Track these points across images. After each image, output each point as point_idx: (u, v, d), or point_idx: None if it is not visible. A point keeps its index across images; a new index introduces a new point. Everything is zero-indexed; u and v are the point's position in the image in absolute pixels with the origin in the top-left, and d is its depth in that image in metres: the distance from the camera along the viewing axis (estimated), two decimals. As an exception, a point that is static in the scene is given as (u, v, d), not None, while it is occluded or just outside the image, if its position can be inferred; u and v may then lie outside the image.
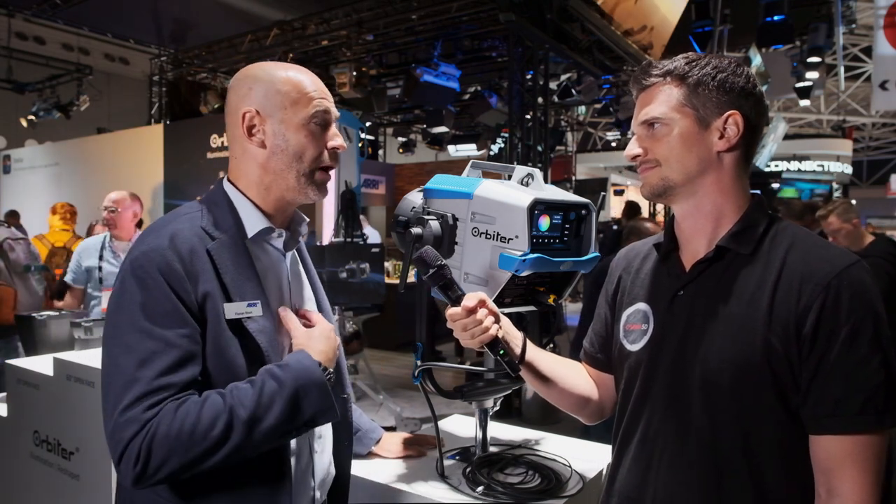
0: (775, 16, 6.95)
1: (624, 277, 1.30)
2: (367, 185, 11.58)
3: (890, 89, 7.78)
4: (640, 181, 1.19)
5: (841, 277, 1.00)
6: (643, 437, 1.15)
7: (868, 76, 15.34)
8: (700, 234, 1.15)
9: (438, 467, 1.46)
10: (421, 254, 1.16)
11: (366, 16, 7.94)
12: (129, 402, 1.00)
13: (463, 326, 1.15)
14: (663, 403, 1.13)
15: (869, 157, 24.58)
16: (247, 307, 1.11)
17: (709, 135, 1.10)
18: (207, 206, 1.19)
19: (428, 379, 1.44)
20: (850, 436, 0.99)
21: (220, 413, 1.01)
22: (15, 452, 2.25)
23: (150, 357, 1.02)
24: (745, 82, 1.11)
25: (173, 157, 7.84)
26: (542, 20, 6.13)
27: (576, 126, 16.05)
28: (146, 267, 1.06)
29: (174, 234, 1.10)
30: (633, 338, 1.21)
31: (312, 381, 1.09)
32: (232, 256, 1.13)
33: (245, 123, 1.17)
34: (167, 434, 0.98)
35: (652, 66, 1.14)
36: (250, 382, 1.06)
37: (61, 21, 9.61)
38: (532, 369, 1.27)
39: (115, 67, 13.03)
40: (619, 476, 1.20)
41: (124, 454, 0.99)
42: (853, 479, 0.98)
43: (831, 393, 0.99)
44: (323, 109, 1.18)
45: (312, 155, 1.18)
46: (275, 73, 1.18)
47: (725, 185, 1.12)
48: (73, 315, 2.68)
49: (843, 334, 0.98)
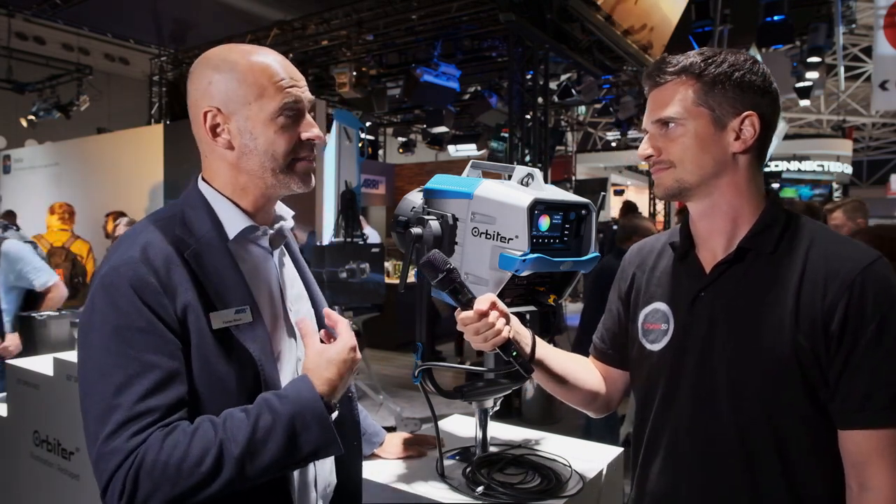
0: (775, 16, 6.95)
1: (638, 275, 1.29)
2: (367, 185, 11.57)
3: (890, 89, 7.77)
4: (640, 181, 1.19)
5: (865, 274, 1.01)
6: (672, 439, 1.15)
7: (868, 76, 15.33)
8: (718, 233, 1.14)
9: (438, 467, 1.46)
10: (429, 258, 1.13)
11: (366, 16, 7.94)
12: (111, 431, 0.92)
13: (475, 330, 1.13)
14: (690, 404, 1.12)
15: (869, 157, 24.57)
16: (234, 314, 1.03)
17: (725, 135, 1.08)
18: (183, 209, 1.10)
19: (428, 379, 1.44)
20: (879, 430, 1.00)
21: (209, 447, 0.92)
22: (15, 452, 2.25)
23: (128, 381, 0.94)
24: (762, 80, 1.08)
25: (173, 157, 7.83)
26: (542, 20, 6.12)
27: (576, 126, 16.05)
28: (116, 283, 0.97)
29: (146, 245, 1.01)
30: (652, 337, 1.20)
31: (313, 415, 0.98)
32: (213, 262, 1.05)
33: (207, 123, 1.07)
34: (153, 466, 0.90)
35: (666, 63, 1.11)
36: (246, 412, 0.97)
37: (61, 21, 9.60)
38: (543, 367, 1.26)
39: (115, 67, 13.02)
40: (650, 479, 1.19)
41: (109, 485, 0.91)
42: (884, 472, 0.99)
43: (859, 388, 1.00)
44: (293, 100, 1.07)
45: (285, 150, 1.07)
46: (236, 63, 1.06)
47: (741, 186, 1.11)
48: (73, 315, 2.68)
49: (870, 330, 0.99)
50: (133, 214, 8.24)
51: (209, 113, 1.07)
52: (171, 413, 0.95)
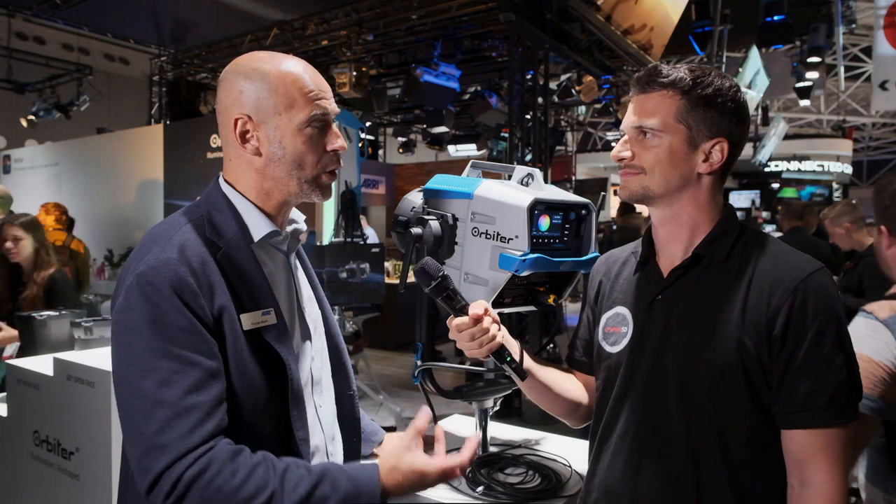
0: (775, 16, 6.95)
1: (604, 283, 1.34)
2: (367, 185, 11.57)
3: (890, 89, 7.77)
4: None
5: (807, 282, 1.06)
6: (623, 434, 1.18)
7: (868, 76, 15.32)
8: (676, 241, 1.19)
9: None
10: (423, 265, 1.14)
11: (366, 16, 7.94)
12: (160, 427, 0.92)
13: (471, 336, 1.15)
14: (642, 402, 1.16)
15: (869, 157, 24.55)
16: (262, 316, 1.06)
17: (695, 155, 1.13)
18: (208, 211, 1.12)
19: (428, 379, 1.44)
20: (819, 429, 1.05)
21: (263, 488, 0.93)
22: (15, 452, 2.25)
23: (172, 378, 0.94)
24: (741, 110, 1.14)
25: (173, 157, 7.84)
26: (542, 20, 6.12)
27: (576, 126, 16.04)
28: (155, 283, 0.98)
29: (183, 245, 1.03)
30: (612, 340, 1.24)
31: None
32: (241, 264, 1.08)
33: (237, 129, 1.09)
34: (210, 483, 0.91)
35: (658, 73, 1.14)
36: (308, 471, 0.98)
37: (61, 21, 9.60)
38: (530, 376, 1.28)
39: (115, 67, 13.03)
40: (599, 471, 1.22)
41: (159, 481, 0.91)
42: (824, 470, 1.05)
43: (800, 390, 1.05)
44: (321, 112, 1.10)
45: (313, 161, 1.11)
46: (267, 73, 1.09)
47: (701, 202, 1.16)
48: (73, 315, 2.68)
49: (810, 335, 1.05)
50: (133, 214, 8.27)
51: (240, 120, 1.09)
52: (213, 410, 0.96)
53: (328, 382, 1.28)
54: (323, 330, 1.30)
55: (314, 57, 8.92)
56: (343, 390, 1.32)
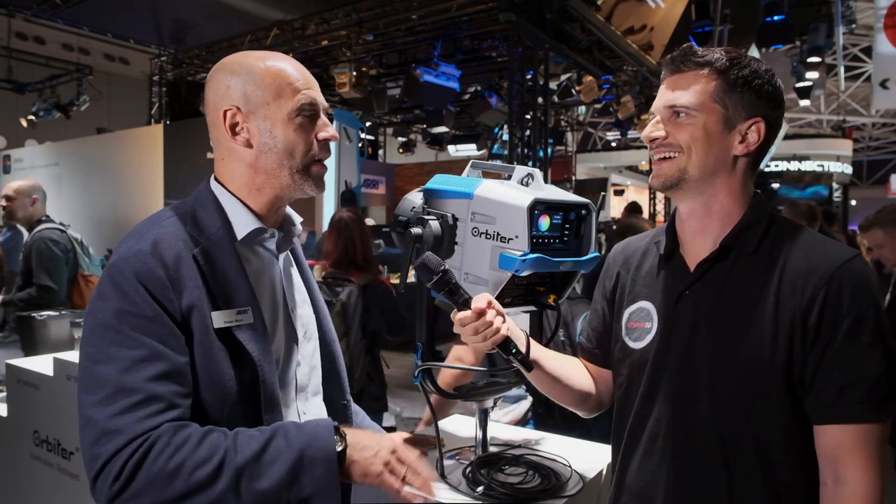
0: (775, 16, 6.96)
1: (623, 274, 1.31)
2: (367, 185, 11.57)
3: (890, 88, 7.78)
4: (640, 181, 1.20)
5: (843, 270, 1.02)
6: (653, 435, 1.16)
7: (868, 76, 15.33)
8: (705, 233, 1.15)
9: (438, 467, 1.46)
10: (423, 261, 1.14)
11: (366, 16, 7.95)
12: (119, 411, 0.91)
13: (474, 329, 1.13)
14: (671, 401, 1.13)
15: (869, 157, 24.56)
16: (237, 315, 1.04)
17: (731, 136, 1.10)
18: (193, 207, 1.12)
19: (428, 379, 1.44)
20: (854, 425, 1.00)
21: (215, 452, 0.92)
22: (15, 452, 2.25)
23: (134, 365, 0.93)
24: (778, 93, 1.11)
25: (173, 157, 7.84)
26: (542, 20, 6.12)
27: (576, 126, 16.04)
28: (124, 272, 0.98)
29: (157, 239, 1.02)
30: (636, 335, 1.21)
31: (323, 455, 0.96)
32: (220, 261, 1.06)
33: (227, 122, 1.09)
34: (157, 457, 0.89)
35: (693, 53, 1.12)
36: (260, 431, 0.97)
37: (61, 21, 9.61)
38: (537, 367, 1.27)
39: (115, 67, 13.04)
40: (630, 473, 1.20)
41: (106, 466, 0.89)
42: (860, 468, 1.00)
43: (835, 383, 1.01)
44: (309, 101, 1.10)
45: (303, 149, 1.10)
46: (253, 66, 1.09)
47: (735, 188, 1.13)
48: (73, 315, 2.68)
49: (846, 325, 1.00)
50: (133, 214, 8.26)
51: (229, 112, 1.09)
52: (175, 402, 0.95)
53: (317, 390, 1.25)
54: (316, 335, 1.27)
55: (314, 57, 8.92)
56: (336, 399, 1.29)
